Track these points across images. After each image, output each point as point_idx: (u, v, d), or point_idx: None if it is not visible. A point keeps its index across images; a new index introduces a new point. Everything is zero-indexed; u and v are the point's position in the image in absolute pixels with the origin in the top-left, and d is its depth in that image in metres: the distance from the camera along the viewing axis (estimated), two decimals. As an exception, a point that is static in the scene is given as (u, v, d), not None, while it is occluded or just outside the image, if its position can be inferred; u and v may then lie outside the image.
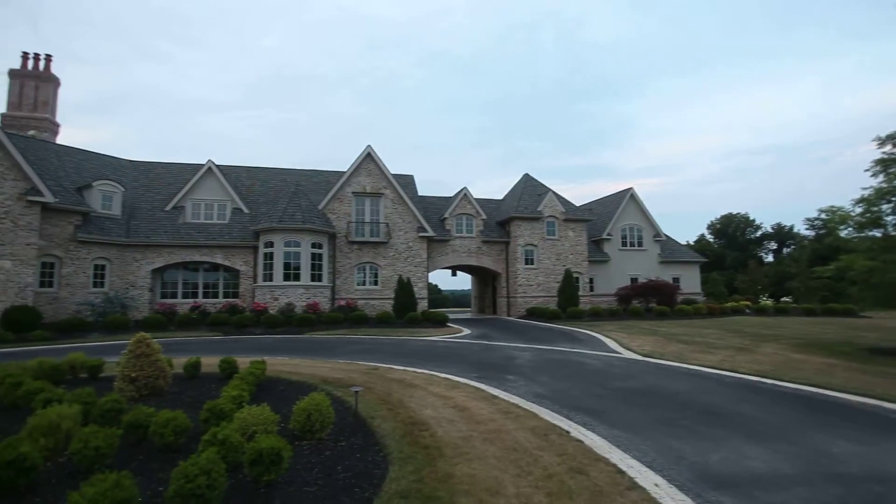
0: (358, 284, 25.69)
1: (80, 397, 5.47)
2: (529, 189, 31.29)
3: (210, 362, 9.48)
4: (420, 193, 30.34)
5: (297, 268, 22.94)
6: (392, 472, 4.53)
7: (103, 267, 22.09)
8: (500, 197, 34.58)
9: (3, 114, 25.88)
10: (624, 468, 4.83)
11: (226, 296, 24.30)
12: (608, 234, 32.32)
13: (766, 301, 34.58)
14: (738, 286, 45.17)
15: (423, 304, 25.64)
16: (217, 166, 25.59)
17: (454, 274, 35.11)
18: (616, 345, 15.38)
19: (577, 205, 33.09)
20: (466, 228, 29.40)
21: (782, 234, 59.90)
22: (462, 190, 29.69)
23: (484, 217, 29.78)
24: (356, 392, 6.25)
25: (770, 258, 60.17)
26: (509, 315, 29.32)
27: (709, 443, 5.77)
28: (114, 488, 3.00)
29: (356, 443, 5.37)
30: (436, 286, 52.01)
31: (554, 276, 29.13)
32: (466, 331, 20.39)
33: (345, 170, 26.96)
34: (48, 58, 27.58)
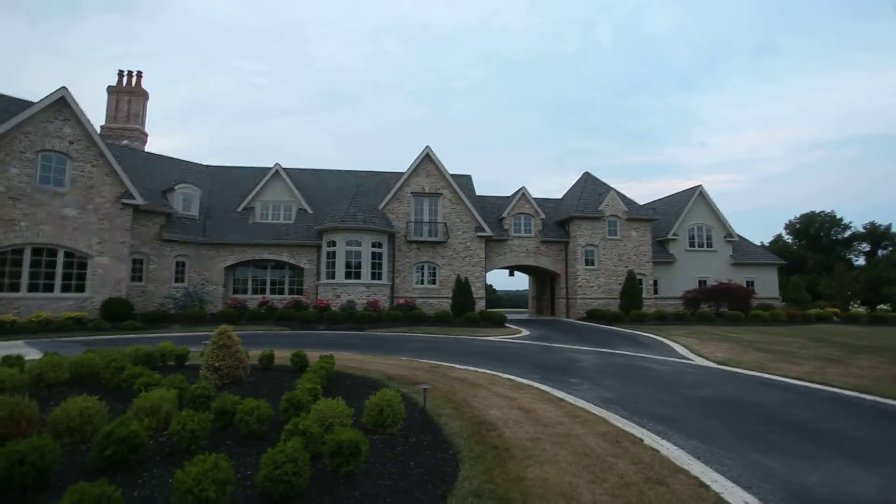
0: (416, 283, 26.08)
1: (173, 382, 5.93)
2: (590, 188, 30.41)
3: (281, 355, 9.97)
4: (477, 193, 30.32)
5: (358, 266, 23.64)
6: (463, 471, 4.54)
7: (183, 264, 23.86)
8: (558, 196, 33.86)
9: (102, 126, 28.59)
10: (707, 482, 4.55)
11: (291, 292, 25.49)
12: (674, 235, 30.75)
13: (858, 308, 31.43)
14: (823, 291, 41.45)
15: (480, 304, 25.62)
16: (283, 169, 26.90)
17: (511, 274, 34.79)
18: (686, 350, 14.59)
19: (640, 204, 31.71)
20: (525, 228, 29.04)
21: (877, 235, 54.21)
22: (520, 189, 29.36)
23: (542, 217, 29.28)
24: (424, 389, 6.33)
25: (861, 261, 54.71)
26: (568, 317, 28.65)
27: (804, 461, 5.31)
28: (213, 469, 3.20)
29: (425, 440, 5.43)
30: (491, 286, 51.87)
31: (615, 278, 28.12)
32: (525, 332, 20.14)
33: (403, 171, 27.46)
34: (139, 74, 30.18)
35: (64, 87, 18.84)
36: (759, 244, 39.30)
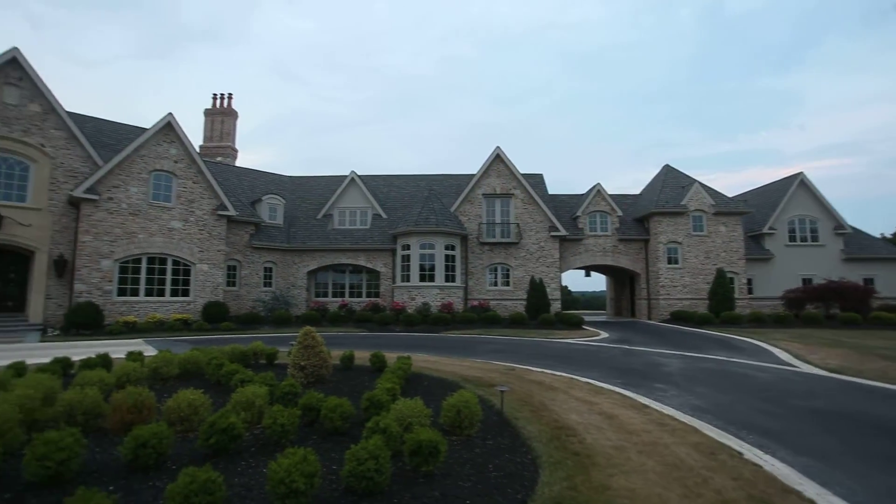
0: (490, 285, 26.00)
1: (265, 380, 6.38)
2: (671, 181, 28.58)
3: (361, 356, 10.35)
4: (550, 192, 29.65)
5: (432, 269, 24.03)
6: (543, 477, 4.42)
7: (270, 269, 25.66)
8: (636, 192, 32.17)
9: (200, 145, 31.62)
10: (824, 505, 4.06)
11: (368, 295, 26.47)
12: (770, 229, 27.96)
13: None
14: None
15: (556, 306, 24.99)
16: (359, 176, 28.06)
17: (588, 274, 33.61)
18: (789, 356, 13.20)
19: (729, 196, 29.22)
20: (601, 226, 27.92)
21: None
22: (595, 186, 28.28)
23: (620, 214, 27.98)
24: (501, 392, 6.26)
25: None
26: (650, 318, 27.10)
27: (947, 486, 4.57)
28: (302, 462, 3.38)
29: (503, 443, 5.36)
30: (566, 288, 50.42)
31: (703, 277, 26.16)
32: (604, 334, 19.33)
33: (474, 172, 27.53)
34: (230, 96, 33.02)
35: (170, 114, 21.06)
36: (880, 236, 34.64)
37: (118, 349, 11.80)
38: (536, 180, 29.20)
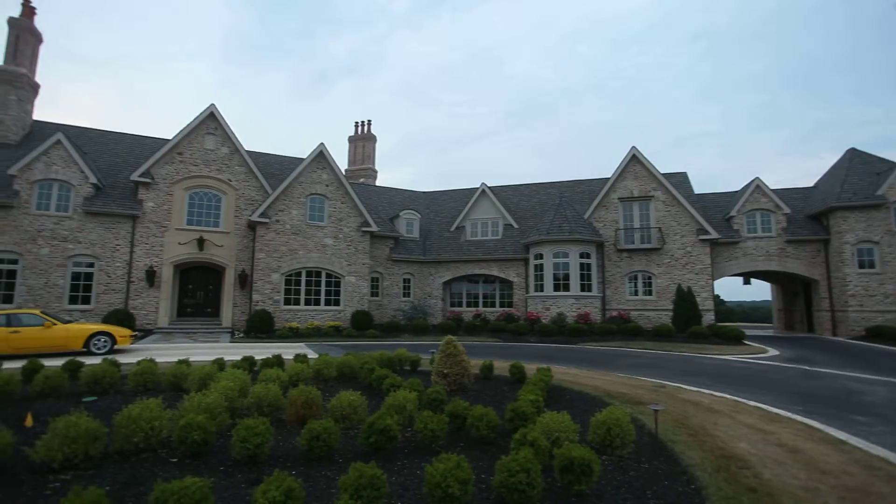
0: (630, 294, 24.29)
1: (412, 385, 6.75)
2: (857, 167, 23.77)
3: (499, 366, 10.40)
4: (696, 192, 26.79)
5: (566, 278, 23.28)
6: (714, 512, 3.91)
7: (409, 280, 27.31)
8: (806, 184, 27.37)
9: (346, 169, 35.24)
10: None
11: (501, 305, 26.61)
12: None
13: None
14: None
15: (708, 317, 22.34)
16: (488, 188, 28.54)
17: (747, 282, 29.42)
18: None
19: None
20: (762, 226, 24.34)
21: None
22: (753, 181, 24.80)
23: (787, 211, 24.08)
24: (655, 411, 5.74)
25: None
26: (835, 334, 22.69)
27: None
28: (456, 468, 3.47)
29: (660, 467, 4.89)
30: (718, 297, 44.77)
31: (912, 284, 21.12)
32: (772, 351, 16.69)
33: (607, 176, 26.13)
34: (369, 122, 36.32)
35: (322, 144, 23.89)
36: None
37: (286, 351, 13.57)
38: (679, 179, 26.62)
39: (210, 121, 22.87)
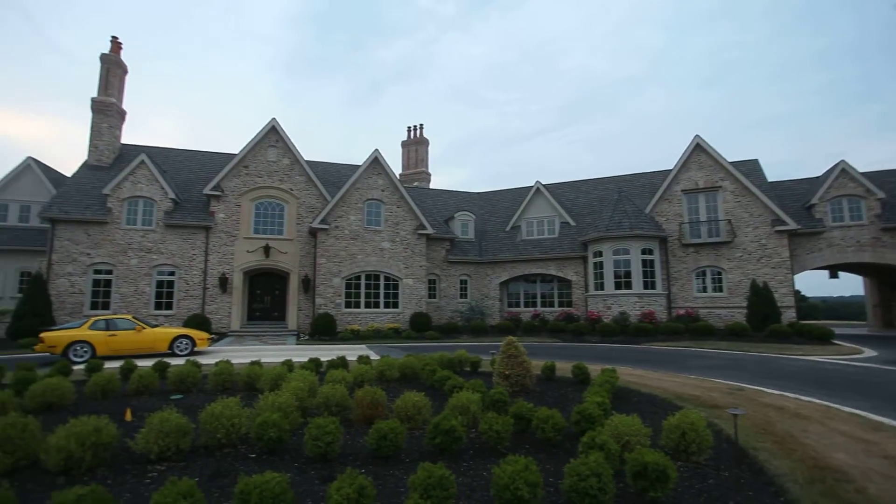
0: (697, 291, 22.96)
1: (474, 387, 6.74)
2: (967, 145, 21.06)
3: (561, 367, 10.17)
4: (770, 180, 24.92)
5: (628, 276, 22.40)
6: (809, 527, 3.60)
7: (465, 281, 27.36)
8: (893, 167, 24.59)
9: (400, 173, 35.90)
10: None
11: (560, 305, 26.03)
12: None
13: None
14: None
15: (788, 314, 20.66)
16: (543, 186, 28.03)
17: (834, 276, 26.96)
18: None
19: None
20: (850, 214, 22.20)
21: None
22: (838, 164, 22.71)
23: (881, 196, 21.81)
24: (734, 415, 5.38)
25: None
26: (944, 332, 20.23)
27: None
28: (524, 470, 3.42)
29: (742, 476, 4.57)
30: (798, 292, 41.29)
31: None
32: (868, 351, 15.18)
33: (670, 168, 24.89)
34: (421, 126, 36.77)
35: (376, 150, 24.50)
36: None
37: (349, 353, 14.01)
38: (750, 167, 24.85)
39: (272, 134, 24.13)
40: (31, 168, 24.73)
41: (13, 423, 4.49)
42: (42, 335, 13.65)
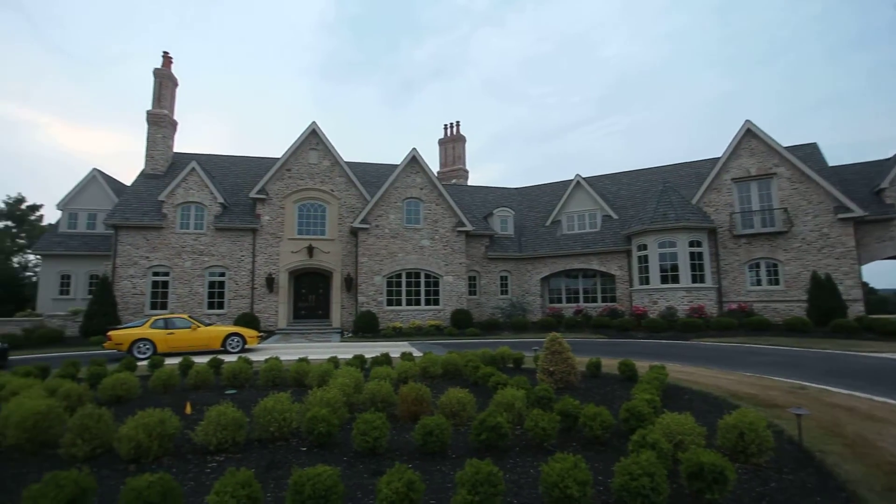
0: (751, 285, 21.83)
1: (518, 383, 6.69)
2: None
3: (606, 363, 9.93)
4: (830, 164, 23.33)
5: (675, 269, 21.59)
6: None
7: (505, 278, 27.17)
8: None
9: (437, 171, 36.02)
10: None
11: (603, 300, 25.41)
12: None
13: None
14: None
15: (855, 308, 19.32)
16: (583, 179, 27.41)
17: (904, 266, 24.98)
18: None
19: None
20: (924, 199, 20.46)
21: None
22: (908, 146, 20.94)
23: (959, 178, 19.98)
24: (798, 415, 5.08)
25: None
26: None
27: None
28: (573, 468, 3.37)
29: (808, 481, 4.31)
30: (866, 284, 38.40)
31: None
32: (947, 347, 13.95)
33: (717, 156, 23.77)
34: (457, 123, 36.74)
35: (414, 149, 24.68)
36: None
37: (392, 349, 14.21)
38: (808, 151, 23.36)
39: (312, 137, 24.78)
40: (96, 179, 26.47)
41: (90, 413, 4.84)
42: (109, 333, 14.65)
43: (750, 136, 22.47)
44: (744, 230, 22.03)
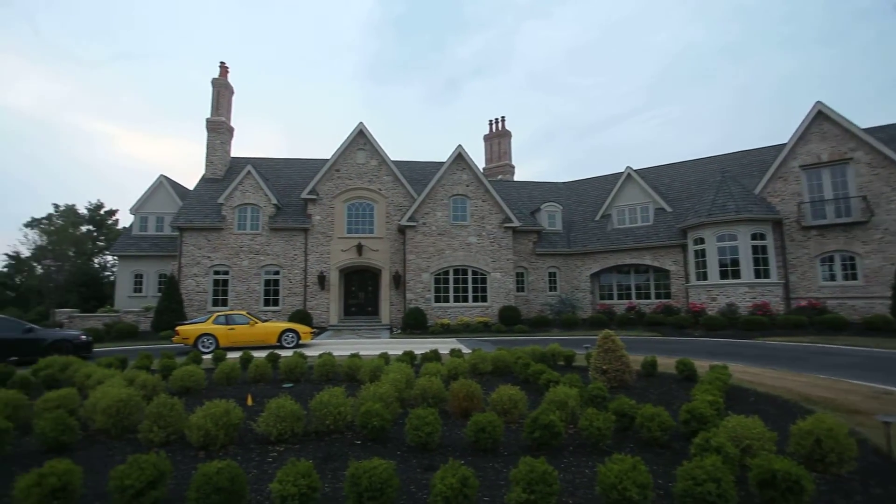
0: (824, 280, 20.27)
1: (571, 381, 6.55)
2: None
3: (663, 362, 9.54)
4: (916, 147, 21.21)
5: (735, 264, 20.41)
6: None
7: (554, 274, 26.68)
8: None
9: (483, 168, 35.88)
10: None
11: (657, 296, 24.42)
12: None
13: None
14: None
15: (946, 306, 17.49)
16: (634, 171, 26.42)
17: None
18: None
19: None
20: None
21: None
22: None
23: None
24: (886, 423, 4.66)
25: None
26: None
27: None
28: (632, 470, 3.25)
29: (898, 493, 3.94)
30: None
31: None
32: None
33: (783, 143, 22.21)
34: (503, 119, 36.40)
35: (460, 146, 24.68)
36: None
37: (441, 346, 14.29)
38: (891, 134, 21.35)
39: (359, 137, 25.34)
40: (163, 184, 28.31)
41: (164, 402, 5.22)
42: (177, 328, 15.67)
43: (821, 118, 20.82)
44: (814, 221, 20.47)
